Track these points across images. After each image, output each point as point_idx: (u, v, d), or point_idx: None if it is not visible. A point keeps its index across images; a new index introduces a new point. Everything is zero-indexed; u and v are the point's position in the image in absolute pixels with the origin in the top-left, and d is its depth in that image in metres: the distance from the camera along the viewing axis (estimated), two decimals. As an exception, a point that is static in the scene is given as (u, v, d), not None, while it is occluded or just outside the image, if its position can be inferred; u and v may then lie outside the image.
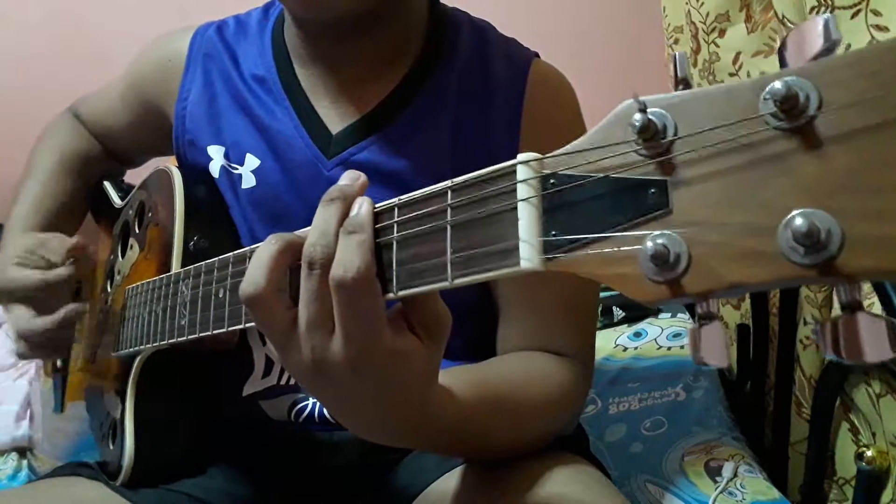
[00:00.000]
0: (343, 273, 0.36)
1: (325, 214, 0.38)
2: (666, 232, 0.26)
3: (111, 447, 0.68)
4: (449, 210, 0.34)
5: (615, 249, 0.27)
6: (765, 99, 0.24)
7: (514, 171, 0.31)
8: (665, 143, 0.26)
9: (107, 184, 0.89)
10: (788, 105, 0.23)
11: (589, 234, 0.28)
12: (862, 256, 0.22)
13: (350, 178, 0.40)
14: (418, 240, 0.35)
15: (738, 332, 1.12)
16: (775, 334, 0.98)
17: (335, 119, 0.68)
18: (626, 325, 1.35)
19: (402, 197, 0.37)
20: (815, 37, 0.23)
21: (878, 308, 0.68)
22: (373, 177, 0.67)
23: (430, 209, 0.35)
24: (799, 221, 0.22)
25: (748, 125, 0.24)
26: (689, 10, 1.22)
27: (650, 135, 0.26)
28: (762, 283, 0.24)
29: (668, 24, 1.36)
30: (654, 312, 1.36)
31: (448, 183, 0.34)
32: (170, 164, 0.74)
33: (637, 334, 1.31)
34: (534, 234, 0.30)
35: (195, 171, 0.74)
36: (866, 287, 0.73)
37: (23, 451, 1.08)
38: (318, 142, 0.67)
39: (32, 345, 0.74)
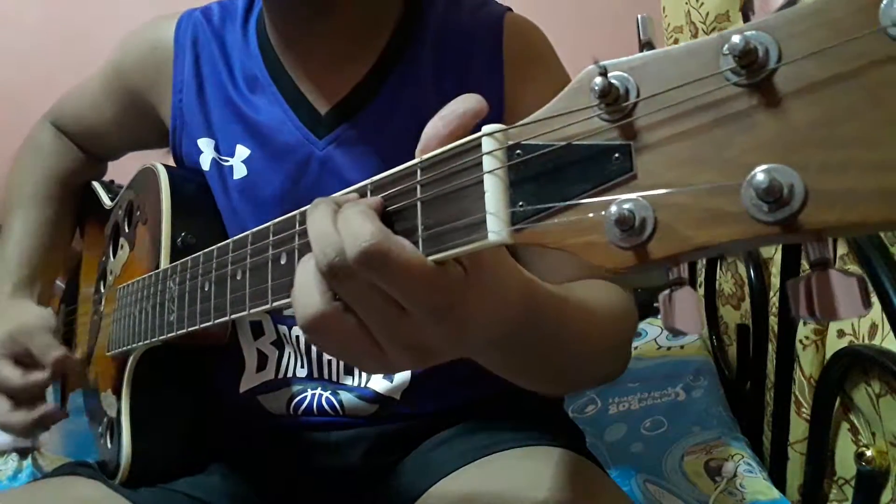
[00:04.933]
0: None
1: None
2: (631, 197, 0.25)
3: (109, 446, 0.68)
4: (418, 188, 0.33)
5: (581, 217, 0.27)
6: (724, 55, 0.23)
7: (480, 145, 0.30)
8: (627, 107, 0.25)
9: (95, 184, 0.88)
10: (747, 60, 0.22)
11: (555, 203, 0.27)
12: (825, 211, 0.21)
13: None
14: (390, 220, 0.35)
15: (737, 332, 1.11)
16: (775, 334, 0.97)
17: (322, 99, 0.68)
18: (626, 326, 1.34)
19: (372, 179, 0.36)
20: (777, -10, 0.22)
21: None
22: (366, 152, 0.66)
23: (400, 188, 0.34)
24: (761, 178, 0.22)
25: (708, 83, 0.23)
26: (689, 10, 1.22)
27: (612, 99, 0.25)
28: (728, 242, 0.23)
29: (668, 24, 1.35)
30: (654, 312, 1.35)
31: (416, 160, 0.34)
32: (154, 160, 0.73)
33: (637, 334, 1.29)
34: (501, 206, 0.29)
35: (182, 167, 0.73)
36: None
37: (23, 451, 1.07)
38: (307, 123, 0.67)
39: (9, 432, 0.74)
